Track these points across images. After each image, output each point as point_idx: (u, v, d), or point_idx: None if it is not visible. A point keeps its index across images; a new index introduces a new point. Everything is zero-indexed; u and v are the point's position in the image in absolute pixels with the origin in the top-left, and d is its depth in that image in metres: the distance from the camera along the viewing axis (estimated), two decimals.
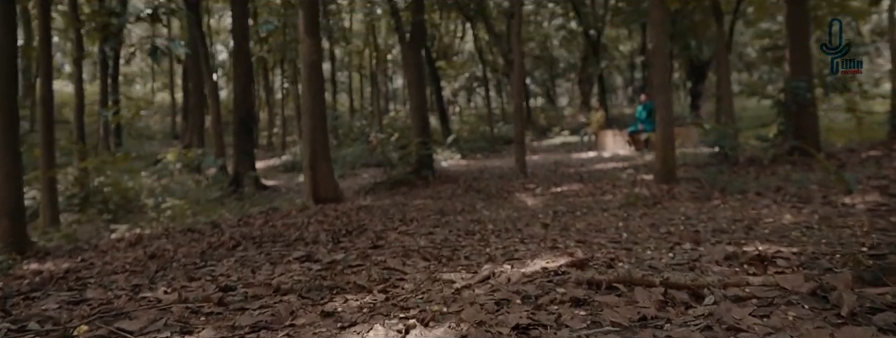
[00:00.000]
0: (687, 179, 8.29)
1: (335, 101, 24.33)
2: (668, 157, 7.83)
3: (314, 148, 8.56)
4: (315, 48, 8.53)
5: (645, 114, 16.94)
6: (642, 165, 11.89)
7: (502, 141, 20.78)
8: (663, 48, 7.94)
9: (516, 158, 10.82)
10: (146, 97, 28.33)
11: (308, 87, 8.56)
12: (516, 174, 10.84)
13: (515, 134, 10.96)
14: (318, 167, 8.59)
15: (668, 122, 7.82)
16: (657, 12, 7.89)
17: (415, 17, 12.46)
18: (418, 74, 12.78)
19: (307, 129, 8.61)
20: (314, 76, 8.55)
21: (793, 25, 10.31)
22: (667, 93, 7.85)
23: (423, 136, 12.47)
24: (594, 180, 9.72)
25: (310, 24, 8.52)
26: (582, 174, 11.08)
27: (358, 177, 15.44)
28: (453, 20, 28.31)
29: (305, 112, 8.64)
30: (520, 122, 10.88)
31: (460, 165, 16.04)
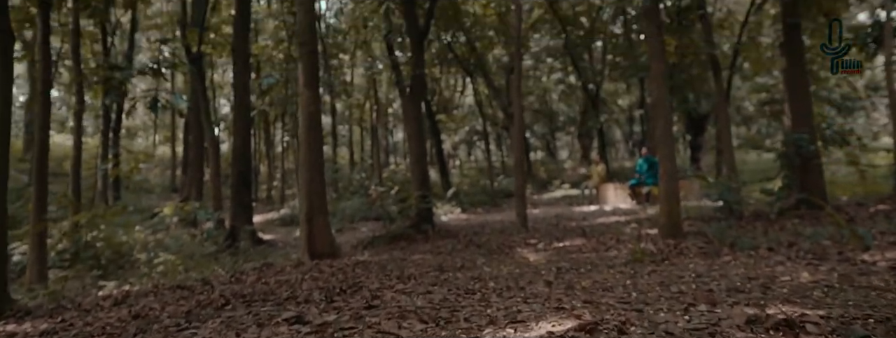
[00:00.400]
0: (693, 233, 8.02)
1: (335, 154, 24.28)
2: (672, 211, 7.59)
3: (311, 201, 8.33)
4: (314, 100, 8.42)
5: (646, 167, 16.81)
6: (645, 218, 11.63)
7: (503, 194, 20.57)
8: (664, 101, 7.84)
9: (517, 212, 10.57)
10: (147, 151, 28.31)
11: (306, 138, 8.40)
12: (518, 228, 10.58)
13: (516, 187, 10.75)
14: (315, 221, 8.34)
15: (671, 175, 7.62)
16: (657, 65, 7.81)
17: (415, 70, 12.46)
18: (418, 127, 12.69)
19: (304, 181, 8.40)
20: (313, 128, 8.41)
21: (791, 79, 10.29)
22: (669, 145, 7.69)
23: (423, 189, 12.26)
24: (597, 235, 9.44)
25: (309, 77, 8.44)
26: (584, 228, 10.79)
27: (357, 231, 15.15)
28: (453, 75, 28.62)
29: (303, 164, 8.46)
30: (520, 175, 10.70)
31: (460, 219, 15.77)
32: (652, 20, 7.95)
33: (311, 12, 8.57)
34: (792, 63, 10.03)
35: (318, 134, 8.58)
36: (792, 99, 10.10)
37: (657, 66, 7.74)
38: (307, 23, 8.55)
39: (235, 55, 13.16)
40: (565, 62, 25.96)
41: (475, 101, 24.96)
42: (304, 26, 8.54)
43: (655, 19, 7.99)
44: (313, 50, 8.57)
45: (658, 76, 7.76)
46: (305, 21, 8.54)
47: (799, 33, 9.92)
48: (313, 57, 8.56)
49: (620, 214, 13.93)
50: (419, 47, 12.90)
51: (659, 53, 7.83)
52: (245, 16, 13.19)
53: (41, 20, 9.71)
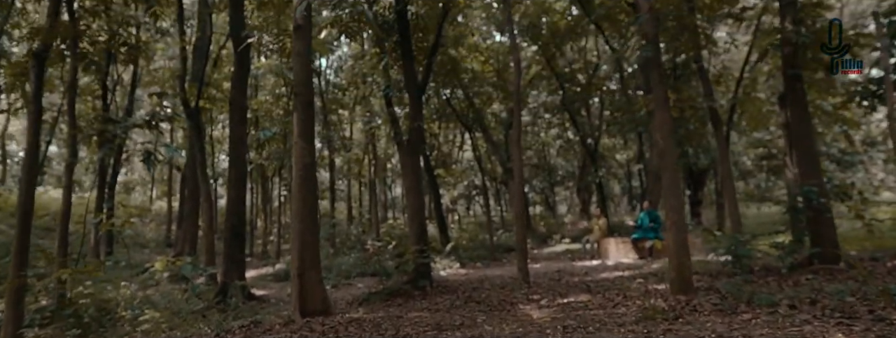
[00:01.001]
0: (704, 289, 7.54)
1: (333, 208, 23.88)
2: (682, 265, 7.13)
3: (303, 255, 7.87)
4: (308, 152, 8.09)
5: (648, 221, 16.38)
6: (650, 273, 11.11)
7: (502, 249, 20.01)
8: (672, 150, 7.50)
9: (519, 267, 10.08)
10: (143, 205, 27.86)
11: (300, 190, 8.02)
12: (519, 283, 10.05)
13: (517, 241, 10.30)
14: (307, 276, 7.85)
15: (680, 227, 7.21)
16: (662, 114, 7.53)
17: (413, 123, 12.22)
18: (416, 181, 12.33)
19: (296, 234, 7.96)
20: (306, 180, 8.04)
21: (795, 131, 10.01)
22: (677, 196, 7.31)
23: (421, 243, 11.78)
24: (603, 290, 8.93)
25: (304, 128, 8.15)
26: (588, 284, 10.28)
27: (353, 287, 14.56)
28: (452, 130, 28.53)
29: (295, 216, 8.04)
30: (521, 228, 10.26)
31: (459, 274, 15.20)
32: (654, 69, 7.71)
33: (307, 63, 8.36)
34: (796, 115, 9.78)
35: (313, 186, 8.20)
36: (798, 151, 9.79)
37: (662, 116, 7.45)
38: (303, 73, 8.32)
39: (232, 108, 12.93)
40: (563, 117, 25.89)
41: (474, 156, 24.72)
42: (300, 77, 8.31)
43: (657, 68, 7.75)
44: (309, 101, 8.31)
45: (664, 125, 7.46)
46: (301, 71, 8.31)
47: (801, 84, 9.71)
48: (309, 108, 8.29)
49: (624, 269, 13.40)
50: (418, 101, 12.71)
51: (663, 102, 7.56)
52: (244, 69, 13.04)
53: (35, 74, 9.50)
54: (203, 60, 15.00)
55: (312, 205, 8.13)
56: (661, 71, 7.67)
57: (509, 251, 20.32)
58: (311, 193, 8.13)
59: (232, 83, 13.21)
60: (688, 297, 6.80)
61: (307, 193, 8.05)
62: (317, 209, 8.39)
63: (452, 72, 18.24)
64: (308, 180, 8.08)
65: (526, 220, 24.75)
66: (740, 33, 20.04)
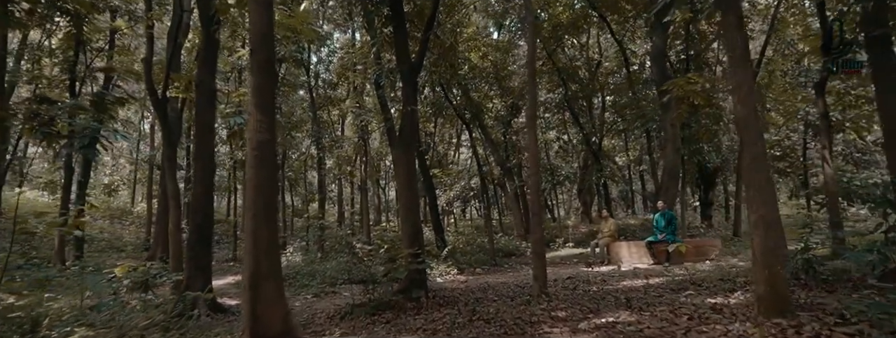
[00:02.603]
0: (800, 306, 5.34)
1: (323, 211, 21.64)
2: (776, 277, 4.94)
3: (258, 260, 5.66)
4: (266, 125, 5.88)
5: (663, 222, 14.26)
6: (687, 281, 8.92)
7: (502, 253, 17.78)
8: (754, 115, 5.27)
9: (535, 275, 7.85)
10: (124, 207, 25.52)
11: (254, 175, 5.81)
12: (535, 295, 7.82)
13: (534, 241, 8.05)
14: (263, 289, 5.63)
15: (771, 223, 5.03)
16: (741, 73, 5.31)
17: (405, 107, 10.04)
18: (410, 174, 10.15)
19: (249, 233, 5.74)
20: (263, 161, 5.83)
21: (889, 113, 7.66)
22: (766, 183, 5.09)
23: (415, 246, 9.59)
24: (645, 305, 6.74)
25: (261, 96, 5.95)
26: (620, 296, 8.07)
27: (337, 295, 12.35)
28: (448, 130, 26.41)
29: (248, 210, 5.82)
30: (538, 226, 8.03)
31: (458, 282, 12.99)
32: (732, 8, 5.41)
33: (265, 13, 6.15)
34: (886, 90, 7.44)
35: (271, 171, 5.98)
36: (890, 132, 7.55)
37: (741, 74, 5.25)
38: (261, 24, 6.12)
39: (199, 90, 10.74)
40: (563, 116, 23.79)
41: (473, 154, 22.53)
42: (257, 28, 6.10)
43: (735, 8, 5.45)
44: (267, 61, 6.11)
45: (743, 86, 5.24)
46: (260, 22, 6.11)
47: (890, 48, 7.45)
48: (267, 71, 6.09)
49: (645, 276, 11.21)
50: (411, 83, 10.53)
51: (742, 54, 5.34)
52: (212, 46, 10.85)
53: None
54: (173, 43, 12.79)
55: (270, 196, 5.91)
56: (738, 11, 5.40)
57: (510, 256, 18.13)
58: (268, 180, 5.91)
59: (198, 62, 11.06)
60: (790, 321, 4.63)
61: (263, 180, 5.84)
62: (276, 202, 6.16)
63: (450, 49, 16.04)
64: (265, 163, 5.87)
65: (526, 223, 22.56)
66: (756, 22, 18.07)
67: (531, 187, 7.95)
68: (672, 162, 15.42)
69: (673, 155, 15.39)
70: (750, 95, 5.15)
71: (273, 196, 6.02)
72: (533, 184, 7.88)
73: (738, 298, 6.68)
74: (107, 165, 30.93)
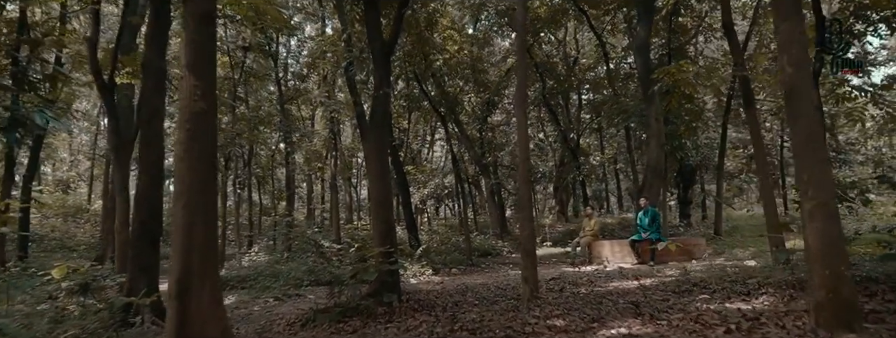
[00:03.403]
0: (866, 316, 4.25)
1: (292, 208, 20.21)
2: (840, 279, 3.84)
3: (189, 260, 4.39)
4: (203, 92, 4.62)
5: (647, 220, 13.29)
6: (690, 283, 7.87)
7: (478, 253, 16.62)
8: (808, 79, 4.23)
9: (525, 276, 6.67)
10: (78, 204, 23.67)
11: (186, 154, 4.55)
12: (525, 301, 6.63)
13: (523, 239, 6.86)
14: (194, 296, 4.37)
15: (830, 214, 3.92)
16: (790, 27, 4.24)
17: (377, 90, 8.82)
18: (381, 164, 8.93)
19: (179, 226, 4.48)
20: (197, 137, 4.57)
21: None
22: (822, 164, 3.99)
23: (387, 244, 8.37)
24: (655, 312, 5.64)
25: (196, 55, 4.69)
26: (617, 301, 6.97)
27: (302, 299, 11.03)
28: (423, 126, 25.21)
29: (178, 197, 4.55)
30: (529, 221, 6.83)
31: (433, 283, 11.78)
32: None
33: None
34: None
35: (207, 151, 4.71)
36: None
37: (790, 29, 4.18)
38: None
39: (146, 72, 9.34)
40: (540, 113, 22.77)
41: (449, 149, 21.34)
42: None
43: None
44: (206, 14, 4.84)
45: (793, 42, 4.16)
46: None
47: None
48: (206, 25, 4.83)
49: (633, 276, 10.17)
50: (384, 63, 9.30)
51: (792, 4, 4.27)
52: (160, 22, 9.46)
53: None
54: (124, 22, 11.37)
55: (206, 181, 4.64)
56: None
57: (486, 256, 16.99)
58: (204, 161, 4.64)
59: (146, 40, 9.65)
60: (860, 335, 3.55)
61: (198, 161, 4.58)
62: (215, 189, 4.89)
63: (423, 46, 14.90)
64: (200, 139, 4.61)
65: (502, 222, 21.48)
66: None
67: (520, 176, 6.80)
68: (656, 158, 14.48)
69: (657, 150, 14.44)
70: (803, 53, 4.10)
71: (210, 181, 4.75)
72: (521, 172, 6.73)
73: (763, 303, 5.63)
74: (64, 162, 28.97)
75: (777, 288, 6.44)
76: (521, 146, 6.73)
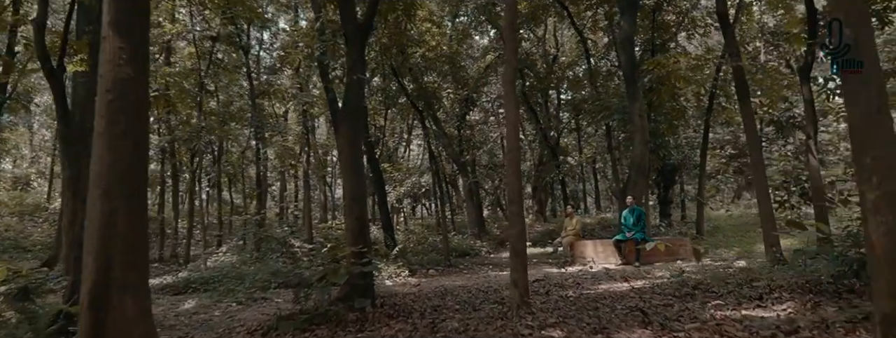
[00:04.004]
0: None
1: (263, 207, 19.12)
2: None
3: (107, 263, 3.46)
4: (129, 56, 3.70)
5: (632, 219, 12.61)
6: (689, 285, 7.13)
7: (456, 253, 15.77)
8: (872, 33, 3.46)
9: (514, 279, 5.80)
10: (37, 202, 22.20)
11: (106, 130, 3.62)
12: (514, 308, 5.77)
13: (512, 237, 5.98)
14: (113, 306, 3.43)
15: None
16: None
17: (351, 74, 7.92)
18: (355, 155, 8.03)
19: (95, 219, 3.53)
20: (122, 109, 3.65)
21: None
22: (890, 139, 3.20)
23: (360, 243, 7.48)
24: (667, 321, 4.84)
25: (123, 12, 3.76)
26: (616, 306, 6.19)
27: (268, 302, 10.07)
28: (399, 123, 24.30)
29: (96, 181, 3.62)
30: (519, 218, 5.95)
31: (410, 285, 10.89)
32: None
33: None
34: None
35: (135, 128, 3.78)
36: None
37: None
38: None
39: (93, 51, 8.31)
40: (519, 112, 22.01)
41: (426, 146, 20.48)
42: None
43: None
44: None
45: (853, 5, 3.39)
46: None
47: None
48: None
49: (621, 278, 9.45)
50: (358, 47, 8.41)
51: None
52: None
53: None
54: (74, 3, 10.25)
55: (132, 160, 3.72)
56: None
57: (464, 256, 16.14)
58: (131, 137, 3.72)
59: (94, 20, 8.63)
60: None
61: (123, 136, 3.65)
62: (144, 171, 3.94)
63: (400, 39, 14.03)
64: (126, 110, 3.68)
65: (480, 222, 20.68)
66: None
67: (508, 166, 5.95)
68: (640, 155, 13.80)
69: (641, 148, 13.77)
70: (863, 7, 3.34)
71: (139, 163, 3.81)
72: (510, 162, 5.89)
73: (785, 310, 4.89)
74: (25, 159, 27.36)
75: (791, 292, 5.72)
76: (509, 136, 5.90)
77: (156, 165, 19.52)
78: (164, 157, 17.54)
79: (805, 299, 5.18)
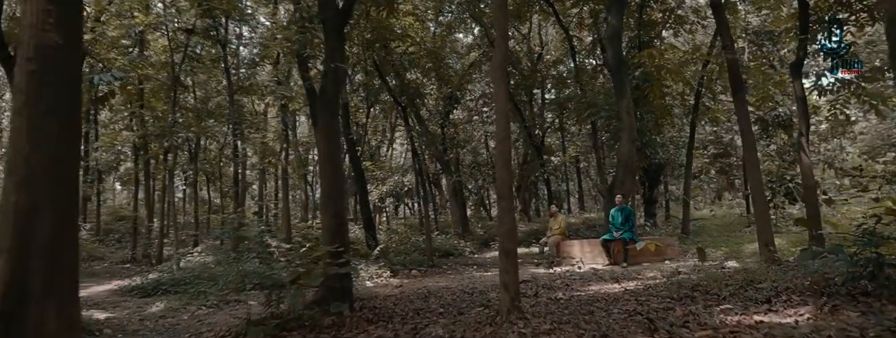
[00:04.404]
0: None
1: (243, 206, 18.38)
2: None
3: (25, 262, 2.82)
4: (60, 20, 3.08)
5: (620, 219, 12.19)
6: (687, 288, 6.65)
7: (439, 253, 15.21)
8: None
9: (504, 282, 5.23)
10: None
11: (28, 105, 3.00)
12: (504, 313, 5.21)
13: (502, 235, 5.39)
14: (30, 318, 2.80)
15: None
16: None
17: (329, 63, 7.33)
18: (333, 147, 7.45)
19: (11, 214, 2.90)
20: (47, 81, 3.02)
21: None
22: None
23: (337, 242, 6.91)
24: (673, 328, 4.34)
25: None
26: (612, 310, 5.69)
27: (242, 305, 9.43)
28: (381, 121, 23.68)
29: (13, 171, 2.98)
30: (509, 213, 5.37)
31: (392, 287, 10.30)
32: None
33: None
34: None
35: (66, 101, 3.17)
36: None
37: None
38: None
39: None
40: None
41: (409, 143, 19.87)
42: None
43: None
44: None
45: None
46: None
47: None
48: None
49: (612, 279, 8.98)
50: (337, 35, 7.83)
51: None
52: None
53: None
54: None
55: (60, 146, 3.10)
56: None
57: (448, 256, 15.60)
58: (60, 117, 3.10)
59: None
60: None
61: (46, 115, 3.04)
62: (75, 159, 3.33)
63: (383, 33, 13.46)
64: (53, 84, 3.06)
65: (464, 221, 20.13)
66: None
67: (497, 156, 5.39)
68: (627, 153, 13.37)
69: (628, 145, 13.34)
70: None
71: (68, 151, 3.20)
72: (500, 152, 5.33)
73: (803, 315, 4.41)
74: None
75: (801, 295, 5.26)
76: (499, 123, 5.35)
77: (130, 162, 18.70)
78: (138, 153, 16.73)
79: (819, 303, 4.72)
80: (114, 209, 23.01)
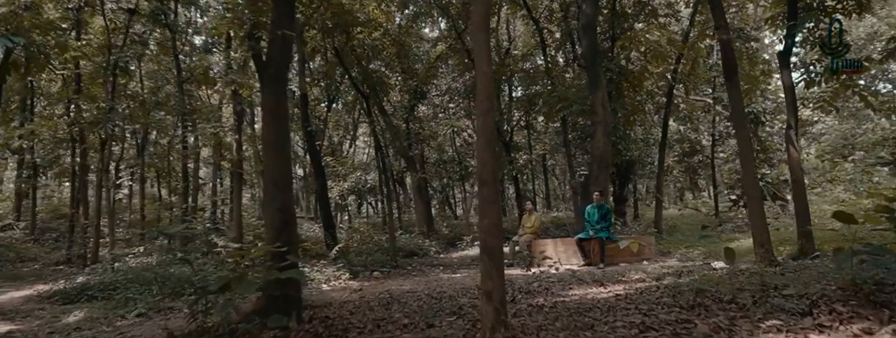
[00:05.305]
0: None
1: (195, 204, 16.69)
2: None
3: None
4: None
5: (597, 216, 11.17)
6: (691, 291, 5.59)
7: (403, 253, 13.94)
8: None
9: (486, 290, 3.97)
10: None
11: None
12: (487, 327, 3.97)
13: (483, 231, 4.15)
14: None
15: None
16: None
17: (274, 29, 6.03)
18: (278, 126, 6.12)
19: None
20: None
21: None
22: None
23: (284, 239, 5.61)
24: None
25: None
26: (613, 321, 4.57)
27: (177, 314, 7.99)
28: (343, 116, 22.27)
29: None
30: (494, 205, 4.17)
31: (350, 291, 8.98)
32: None
33: None
34: None
35: None
36: None
37: None
38: None
39: None
40: (469, 105, 20.41)
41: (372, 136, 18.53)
42: None
43: None
44: None
45: None
46: None
47: None
48: None
49: (595, 282, 7.90)
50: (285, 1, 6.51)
51: None
52: None
53: None
54: None
55: None
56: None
57: (412, 256, 14.38)
58: None
59: None
60: None
61: None
62: None
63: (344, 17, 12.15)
64: None
65: (429, 219, 18.90)
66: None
67: (478, 133, 4.19)
68: (602, 147, 12.40)
69: (603, 139, 12.38)
70: None
71: None
72: (482, 128, 4.12)
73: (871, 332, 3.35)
74: None
75: (845, 304, 4.22)
76: (480, 91, 4.16)
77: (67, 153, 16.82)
78: (74, 145, 14.94)
79: (880, 316, 3.68)
80: (55, 206, 20.92)
